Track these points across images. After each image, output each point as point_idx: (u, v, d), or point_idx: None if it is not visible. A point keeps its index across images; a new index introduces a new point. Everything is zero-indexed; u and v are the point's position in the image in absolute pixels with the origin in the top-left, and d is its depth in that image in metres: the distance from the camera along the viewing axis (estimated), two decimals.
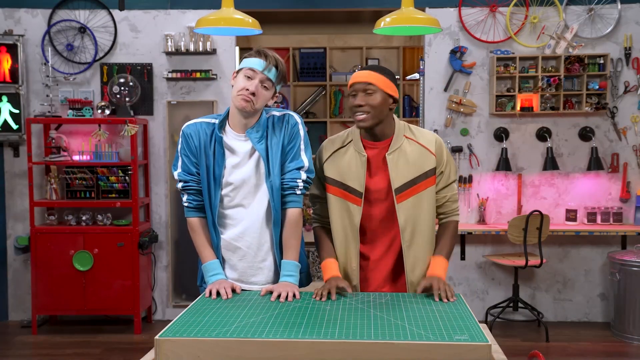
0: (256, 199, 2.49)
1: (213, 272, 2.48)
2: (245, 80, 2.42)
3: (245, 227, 2.50)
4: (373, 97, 2.39)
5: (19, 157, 5.55)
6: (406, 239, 2.47)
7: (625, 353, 4.83)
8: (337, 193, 2.51)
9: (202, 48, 5.44)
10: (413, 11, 3.77)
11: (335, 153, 2.53)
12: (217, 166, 2.47)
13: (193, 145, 2.49)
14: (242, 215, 2.50)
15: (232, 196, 2.49)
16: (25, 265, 5.58)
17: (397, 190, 2.45)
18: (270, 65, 2.43)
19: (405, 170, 2.44)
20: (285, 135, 2.48)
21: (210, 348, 1.89)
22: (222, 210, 2.51)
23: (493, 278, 5.57)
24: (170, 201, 5.56)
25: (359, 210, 2.47)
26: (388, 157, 2.45)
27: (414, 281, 2.50)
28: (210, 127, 2.50)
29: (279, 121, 2.51)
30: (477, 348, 1.84)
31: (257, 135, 2.46)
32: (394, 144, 2.46)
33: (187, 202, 2.54)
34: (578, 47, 5.35)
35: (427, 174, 2.47)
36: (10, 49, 5.39)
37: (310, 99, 6.84)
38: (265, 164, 2.46)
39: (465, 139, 5.49)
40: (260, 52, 2.46)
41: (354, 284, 2.52)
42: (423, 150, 2.47)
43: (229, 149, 2.48)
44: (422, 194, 2.46)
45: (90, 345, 4.98)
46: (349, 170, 2.48)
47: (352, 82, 2.45)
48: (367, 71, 2.43)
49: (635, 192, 5.42)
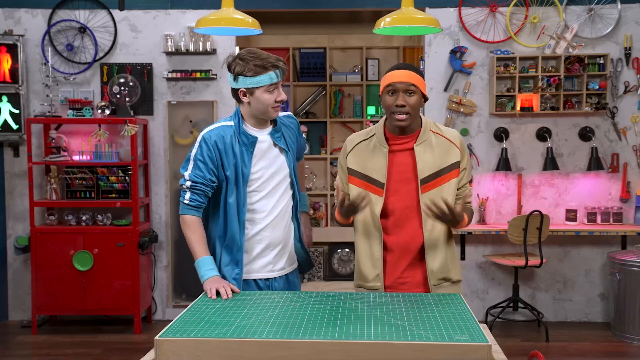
0: (282, 191, 2.70)
1: (208, 267, 2.53)
2: (269, 94, 2.57)
3: (275, 218, 2.68)
4: (413, 97, 2.46)
5: (19, 157, 5.55)
6: (428, 229, 2.52)
7: (625, 353, 4.83)
8: (358, 184, 2.57)
9: (202, 48, 5.44)
10: (413, 11, 3.77)
11: (358, 145, 2.61)
12: (244, 164, 2.60)
13: (215, 150, 2.59)
14: (272, 207, 2.67)
15: (262, 189, 2.65)
16: (25, 265, 5.58)
17: (423, 181, 2.50)
18: (282, 67, 2.60)
19: (432, 162, 2.51)
20: (297, 132, 2.82)
21: (210, 348, 1.89)
22: (250, 206, 2.64)
23: (493, 278, 5.57)
24: (170, 201, 5.56)
25: (380, 200, 2.52)
26: (416, 148, 2.52)
27: (434, 270, 2.54)
28: (230, 129, 2.63)
29: (287, 120, 2.79)
30: (477, 348, 1.84)
31: (278, 135, 2.70)
32: (422, 137, 2.54)
33: (189, 201, 2.58)
34: (578, 47, 5.35)
35: (452, 166, 2.54)
36: (10, 49, 5.39)
37: (310, 99, 6.84)
38: (287, 158, 2.71)
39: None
40: (265, 65, 2.55)
41: (377, 273, 2.56)
42: (449, 144, 2.56)
43: (252, 146, 2.63)
44: (444, 186, 2.53)
45: (90, 345, 4.98)
46: (371, 162, 2.55)
47: (393, 81, 2.46)
48: (408, 71, 2.47)
49: (635, 192, 5.42)
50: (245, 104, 2.63)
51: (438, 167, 2.51)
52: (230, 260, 2.65)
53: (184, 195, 2.60)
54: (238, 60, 2.56)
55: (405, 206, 2.53)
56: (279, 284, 2.74)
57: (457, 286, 2.62)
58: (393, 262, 2.56)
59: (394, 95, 2.46)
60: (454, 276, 2.60)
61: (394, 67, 2.51)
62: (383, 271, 2.56)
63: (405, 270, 2.57)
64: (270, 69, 2.54)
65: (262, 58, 2.55)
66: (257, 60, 2.53)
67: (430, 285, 2.55)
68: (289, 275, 2.79)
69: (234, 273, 2.64)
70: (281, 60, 2.59)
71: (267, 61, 2.54)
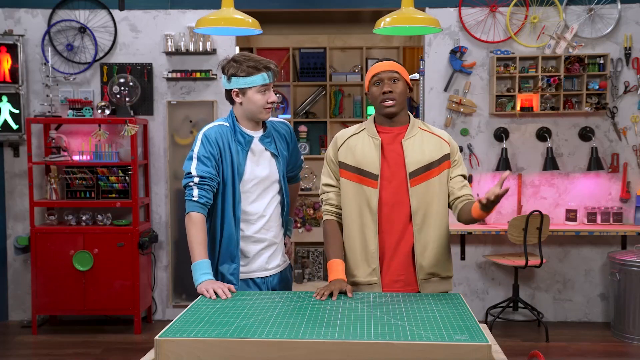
0: (272, 193, 2.77)
1: (204, 271, 2.53)
2: (261, 95, 2.65)
3: (268, 219, 2.75)
4: (399, 84, 2.55)
5: (19, 157, 5.55)
6: (417, 223, 2.54)
7: (625, 353, 4.83)
8: (352, 178, 2.58)
9: (202, 48, 5.44)
10: (413, 11, 3.77)
11: (349, 139, 2.63)
12: (240, 164, 2.67)
13: (216, 147, 2.65)
14: (264, 208, 2.74)
15: (253, 191, 2.71)
16: (25, 265, 5.58)
17: (411, 175, 2.53)
18: (274, 69, 2.68)
19: (420, 156, 2.54)
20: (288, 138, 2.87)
21: (210, 348, 1.89)
22: (244, 207, 2.70)
23: (493, 278, 5.57)
24: (170, 201, 5.56)
25: (375, 193, 2.54)
26: (404, 143, 2.55)
27: (423, 265, 2.55)
28: (227, 129, 2.70)
29: (279, 126, 2.86)
30: (477, 348, 1.84)
31: (268, 140, 2.76)
32: (410, 132, 2.58)
33: (198, 197, 2.60)
34: (578, 47, 5.35)
35: (441, 159, 2.56)
36: (10, 49, 5.39)
37: (310, 99, 6.84)
38: (277, 163, 2.77)
39: (465, 139, 5.50)
40: (257, 66, 2.64)
41: (373, 268, 2.56)
42: (438, 139, 2.60)
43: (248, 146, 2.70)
44: (434, 179, 2.55)
45: (90, 345, 4.98)
46: (363, 155, 2.57)
47: (377, 71, 2.56)
48: (389, 61, 2.58)
49: (635, 192, 5.42)
50: (237, 105, 2.72)
51: (427, 160, 2.54)
52: (227, 258, 2.70)
53: (191, 192, 2.60)
54: (232, 62, 2.67)
55: (396, 200, 2.54)
56: (274, 280, 2.82)
57: (448, 282, 2.62)
58: (389, 257, 2.56)
59: (380, 85, 2.54)
60: (444, 272, 2.60)
61: (376, 61, 2.58)
62: (379, 266, 2.55)
63: (402, 265, 2.56)
64: (262, 70, 2.65)
65: (254, 60, 2.66)
66: (250, 62, 2.64)
67: (418, 280, 2.55)
68: (282, 272, 2.86)
69: (231, 269, 2.70)
70: (273, 63, 2.70)
71: (259, 63, 2.65)
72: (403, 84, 2.55)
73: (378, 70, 2.56)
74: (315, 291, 2.40)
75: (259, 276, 2.77)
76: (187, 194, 2.62)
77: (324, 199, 2.67)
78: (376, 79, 2.55)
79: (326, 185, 2.67)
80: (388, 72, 2.54)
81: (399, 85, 2.53)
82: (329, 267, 2.54)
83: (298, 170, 3.04)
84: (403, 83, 2.56)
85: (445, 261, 2.61)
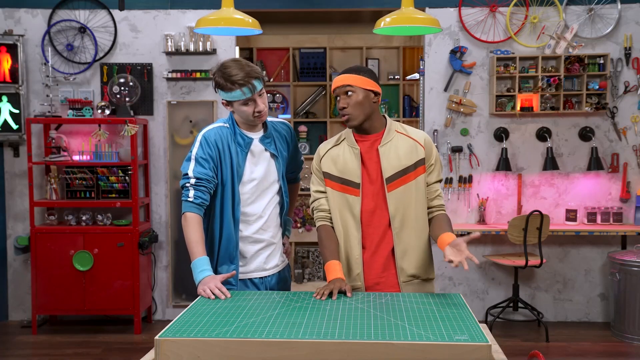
0: (272, 193, 2.77)
1: (203, 268, 2.54)
2: (246, 106, 2.62)
3: (267, 219, 2.76)
4: (352, 97, 2.54)
5: (19, 157, 5.55)
6: (396, 227, 2.57)
7: (625, 353, 4.83)
8: (336, 187, 2.63)
9: (202, 48, 5.44)
10: (413, 11, 3.77)
11: (330, 150, 2.67)
12: (239, 165, 2.67)
13: (215, 149, 2.65)
14: (263, 208, 2.74)
15: (252, 192, 2.71)
16: (25, 265, 5.58)
17: (388, 180, 2.56)
18: (254, 82, 2.58)
19: (396, 161, 2.57)
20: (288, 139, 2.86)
21: (210, 348, 1.89)
22: (242, 208, 2.70)
23: (493, 278, 5.57)
24: (170, 201, 5.56)
25: (358, 201, 2.58)
26: (380, 149, 2.58)
27: (403, 267, 2.58)
28: (226, 130, 2.71)
29: (279, 126, 2.85)
30: (477, 348, 1.84)
31: (268, 140, 2.75)
32: (386, 137, 2.60)
33: (193, 198, 2.62)
34: (578, 47, 5.35)
35: (416, 164, 2.59)
36: (10, 49, 5.39)
37: (310, 99, 6.84)
38: (277, 163, 2.77)
39: (465, 139, 5.50)
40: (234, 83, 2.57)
41: (357, 273, 2.59)
42: (413, 143, 2.61)
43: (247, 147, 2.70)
44: (411, 183, 2.58)
45: (90, 345, 4.98)
46: (345, 164, 2.60)
47: (333, 88, 2.61)
48: (344, 75, 2.58)
49: (635, 192, 5.42)
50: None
51: (402, 166, 2.56)
52: (226, 259, 2.71)
53: (187, 193, 2.63)
54: (216, 73, 2.63)
55: (376, 206, 2.58)
56: (272, 280, 2.82)
57: (430, 284, 2.65)
58: (370, 261, 2.59)
59: (338, 100, 2.58)
60: (425, 274, 2.62)
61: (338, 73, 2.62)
62: (362, 270, 2.59)
63: (383, 268, 2.59)
64: (237, 87, 2.57)
65: (231, 75, 2.57)
66: (228, 77, 2.57)
67: (399, 282, 2.57)
68: (280, 272, 2.87)
69: (230, 269, 2.70)
70: (253, 74, 2.58)
71: (234, 80, 2.56)
72: (362, 93, 2.54)
73: (333, 86, 2.59)
74: (315, 291, 2.41)
75: (257, 276, 2.78)
76: (184, 195, 2.64)
77: (315, 205, 2.70)
78: (335, 94, 2.59)
79: (317, 192, 2.70)
80: (340, 88, 2.56)
81: (352, 98, 2.53)
82: (326, 269, 2.56)
83: (298, 170, 3.05)
84: (362, 92, 2.54)
85: (427, 264, 2.64)
